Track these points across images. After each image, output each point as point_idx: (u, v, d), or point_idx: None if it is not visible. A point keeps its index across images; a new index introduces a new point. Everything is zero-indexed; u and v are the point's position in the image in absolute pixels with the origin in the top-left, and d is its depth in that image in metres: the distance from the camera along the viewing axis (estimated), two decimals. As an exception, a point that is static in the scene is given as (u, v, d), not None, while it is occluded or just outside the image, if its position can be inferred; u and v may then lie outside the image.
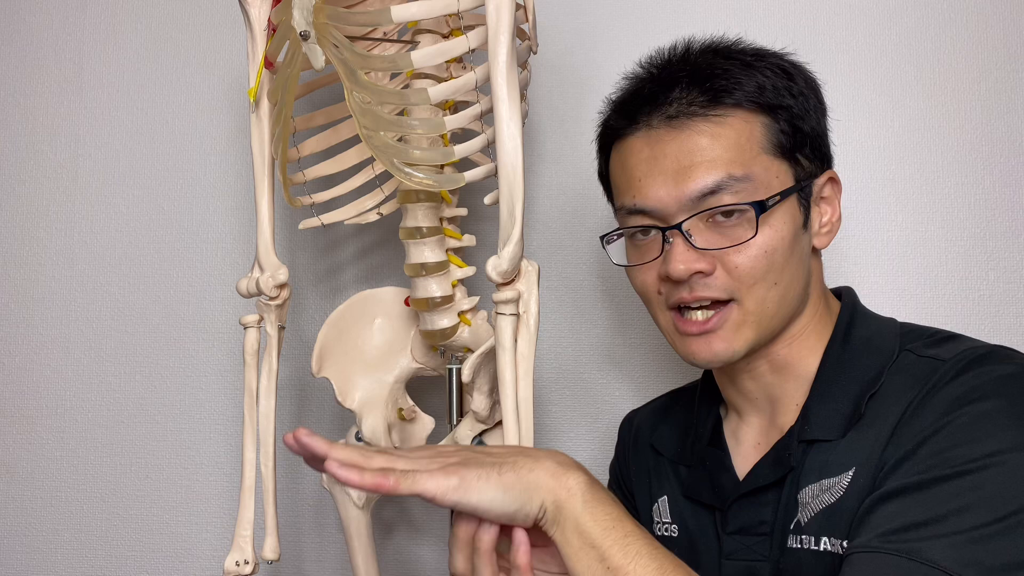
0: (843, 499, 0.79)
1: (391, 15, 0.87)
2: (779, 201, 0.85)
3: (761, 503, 0.87)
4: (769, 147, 0.86)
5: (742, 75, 0.87)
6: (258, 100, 1.02)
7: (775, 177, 0.86)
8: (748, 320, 0.85)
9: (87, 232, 1.36)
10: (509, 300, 0.88)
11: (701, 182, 0.84)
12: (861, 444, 0.80)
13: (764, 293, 0.85)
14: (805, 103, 0.88)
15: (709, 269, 0.85)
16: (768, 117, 0.86)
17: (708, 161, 0.84)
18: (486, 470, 0.69)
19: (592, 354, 1.32)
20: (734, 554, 0.88)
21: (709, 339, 0.86)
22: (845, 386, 0.85)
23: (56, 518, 1.35)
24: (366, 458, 0.70)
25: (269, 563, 1.02)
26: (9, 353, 1.36)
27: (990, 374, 0.77)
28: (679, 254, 0.85)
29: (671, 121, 0.86)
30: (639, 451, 1.06)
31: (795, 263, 0.86)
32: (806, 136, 0.88)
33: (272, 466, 1.01)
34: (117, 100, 1.37)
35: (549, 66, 1.29)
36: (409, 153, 0.93)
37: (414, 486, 0.68)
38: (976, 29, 1.27)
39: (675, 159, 0.85)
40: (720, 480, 0.92)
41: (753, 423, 0.93)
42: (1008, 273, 1.26)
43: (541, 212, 1.32)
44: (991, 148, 1.26)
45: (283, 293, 1.02)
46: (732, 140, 0.85)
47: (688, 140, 0.85)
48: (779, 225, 0.85)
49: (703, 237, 0.85)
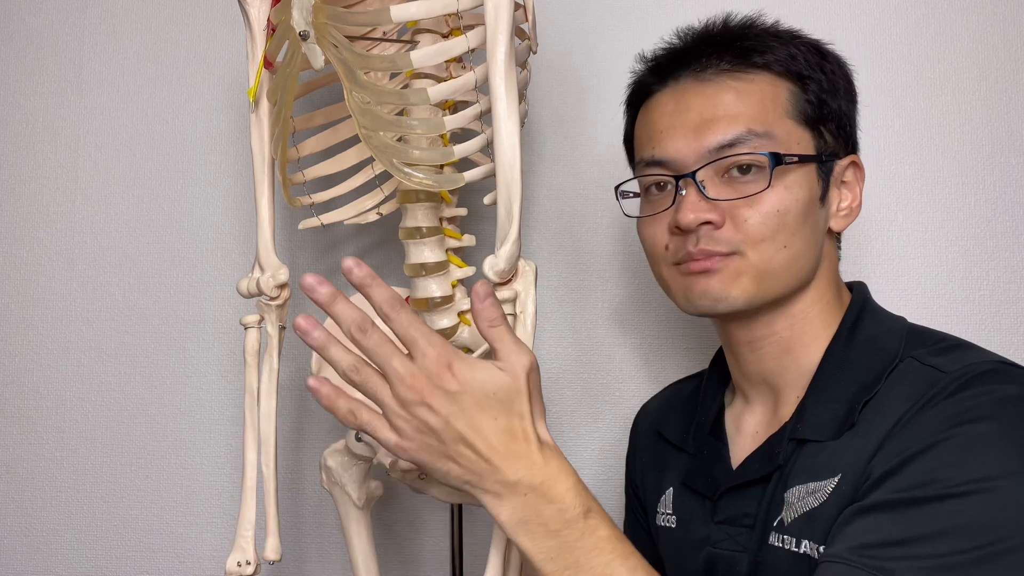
0: (825, 504, 0.79)
1: (390, 15, 0.87)
2: (797, 162, 0.85)
3: (748, 496, 0.87)
4: (794, 112, 0.87)
5: (775, 42, 0.89)
6: (257, 100, 1.02)
7: (796, 142, 0.87)
8: (749, 272, 0.85)
9: (87, 232, 1.36)
10: (506, 300, 0.88)
11: (721, 134, 0.85)
12: (850, 450, 0.80)
13: (772, 253, 0.85)
14: (835, 82, 0.90)
15: (719, 221, 0.85)
16: (796, 85, 0.88)
17: (731, 115, 0.86)
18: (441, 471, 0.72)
19: (592, 354, 1.32)
20: (719, 543, 0.89)
21: (708, 278, 0.86)
22: (843, 387, 0.84)
23: (56, 518, 1.35)
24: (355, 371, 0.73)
25: (271, 563, 1.01)
26: (9, 353, 1.36)
27: (990, 394, 0.75)
28: (690, 203, 0.85)
29: (698, 75, 0.89)
30: (648, 439, 1.07)
31: (807, 232, 0.86)
32: (832, 112, 0.89)
33: (273, 466, 1.01)
34: (117, 100, 1.37)
35: (549, 66, 1.29)
36: (409, 153, 0.93)
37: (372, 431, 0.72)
38: (976, 29, 1.27)
39: (698, 112, 0.87)
40: (714, 470, 0.92)
41: (756, 411, 0.93)
42: (1008, 273, 1.26)
43: (541, 212, 1.32)
44: (991, 148, 1.26)
45: (283, 293, 1.02)
46: (756, 98, 0.86)
47: (714, 95, 0.87)
48: (795, 188, 0.85)
49: (716, 190, 0.86)
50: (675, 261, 0.88)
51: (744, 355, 0.92)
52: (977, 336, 1.24)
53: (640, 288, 1.31)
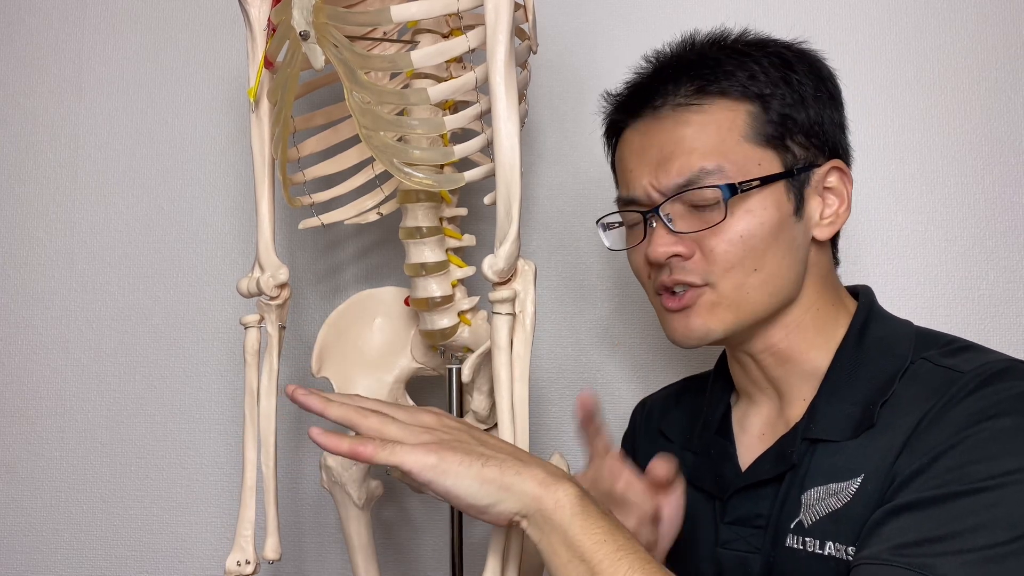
0: (850, 505, 0.79)
1: (391, 15, 0.87)
2: (757, 186, 0.85)
3: (760, 496, 0.87)
4: (752, 135, 0.87)
5: (731, 64, 0.88)
6: (258, 100, 1.02)
7: (756, 164, 0.86)
8: (723, 303, 0.86)
9: (87, 232, 1.36)
10: (505, 299, 0.88)
11: (676, 175, 0.86)
12: (872, 451, 0.80)
13: (742, 279, 0.86)
14: (802, 91, 0.88)
15: (687, 253, 0.86)
16: (755, 105, 0.87)
17: (686, 152, 0.86)
18: (470, 459, 0.70)
19: (592, 354, 1.32)
20: (729, 543, 0.88)
21: (687, 316, 0.88)
22: (856, 387, 0.85)
23: (56, 518, 1.35)
24: (361, 415, 0.73)
25: (270, 563, 1.02)
26: (9, 353, 1.36)
27: (1009, 390, 0.76)
28: (658, 238, 0.87)
29: (657, 112, 0.89)
30: (649, 437, 1.07)
31: (781, 251, 0.87)
32: (799, 124, 0.88)
33: (273, 466, 1.01)
34: (117, 100, 1.37)
35: (549, 66, 1.29)
36: (409, 153, 0.93)
37: (391, 457, 0.69)
38: (976, 29, 1.27)
39: (659, 149, 0.88)
40: (723, 470, 0.92)
41: (762, 411, 0.93)
42: (1008, 273, 1.26)
43: (541, 212, 1.32)
44: (991, 148, 1.26)
45: (283, 293, 1.02)
46: (711, 129, 0.87)
47: (673, 131, 0.88)
48: (758, 210, 0.86)
49: (684, 221, 0.87)
50: (655, 290, 0.91)
51: (747, 364, 0.93)
52: (976, 336, 1.24)
53: (640, 288, 1.30)
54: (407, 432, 0.72)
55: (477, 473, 0.70)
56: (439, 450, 0.70)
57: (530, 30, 1.00)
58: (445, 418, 0.77)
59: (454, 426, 0.75)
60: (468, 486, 0.70)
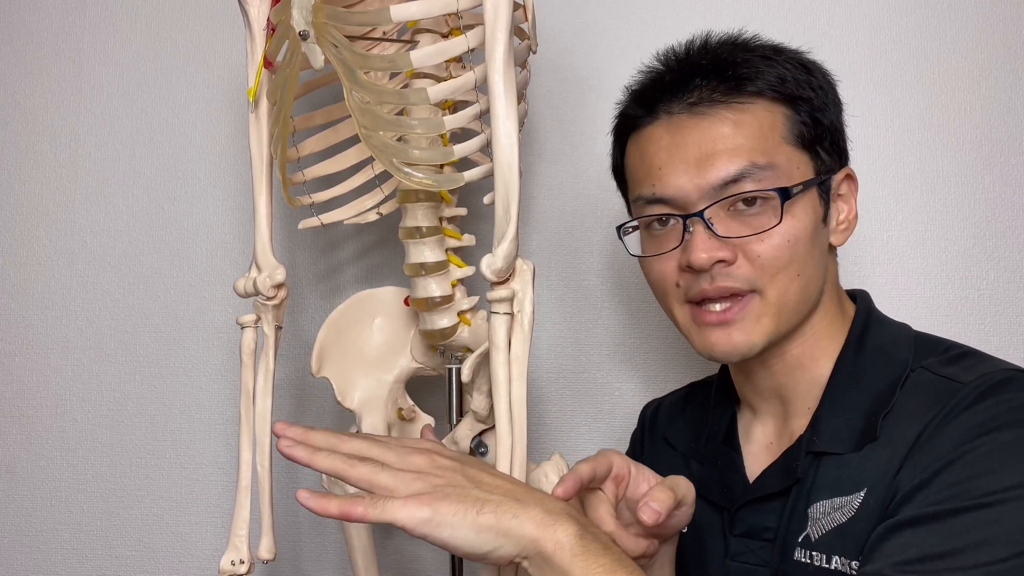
0: (854, 519, 0.79)
1: (390, 15, 0.87)
2: (803, 190, 0.84)
3: (767, 509, 0.87)
4: (791, 137, 0.86)
5: (763, 65, 0.87)
6: (257, 100, 1.02)
7: (796, 168, 0.85)
8: (769, 311, 0.84)
9: (87, 232, 1.36)
10: (503, 299, 0.88)
11: (724, 170, 0.83)
12: (874, 464, 0.79)
13: (787, 284, 0.84)
14: (824, 98, 0.88)
15: (731, 258, 0.83)
16: (789, 108, 0.86)
17: (731, 149, 0.83)
18: (464, 507, 0.68)
19: (592, 354, 1.31)
20: (738, 556, 0.88)
21: (728, 330, 0.85)
22: (857, 398, 0.84)
23: (56, 518, 1.35)
24: (349, 465, 0.70)
25: (265, 563, 1.02)
26: (9, 353, 1.36)
27: (1009, 403, 0.76)
28: (701, 242, 0.83)
29: (693, 108, 0.86)
30: (655, 444, 1.06)
31: (816, 256, 0.86)
32: (825, 130, 0.87)
33: (268, 466, 1.00)
34: (117, 100, 1.37)
35: (549, 66, 1.29)
36: (408, 153, 0.93)
37: (383, 515, 0.67)
38: (976, 29, 1.27)
39: (697, 147, 0.85)
40: (730, 481, 0.91)
41: (767, 422, 0.92)
42: (1008, 273, 1.26)
43: (541, 212, 1.32)
44: (991, 148, 1.26)
45: (280, 293, 1.02)
46: (755, 128, 0.84)
47: (710, 128, 0.85)
48: (801, 215, 0.84)
49: (725, 226, 0.84)
50: (689, 299, 0.87)
51: (755, 372, 0.91)
52: (976, 336, 1.25)
53: (639, 288, 1.30)
54: (398, 480, 0.69)
55: (472, 521, 0.67)
56: (432, 501, 0.68)
57: (529, 30, 1.00)
58: (437, 456, 0.73)
59: (447, 466, 0.72)
60: (465, 536, 0.67)
